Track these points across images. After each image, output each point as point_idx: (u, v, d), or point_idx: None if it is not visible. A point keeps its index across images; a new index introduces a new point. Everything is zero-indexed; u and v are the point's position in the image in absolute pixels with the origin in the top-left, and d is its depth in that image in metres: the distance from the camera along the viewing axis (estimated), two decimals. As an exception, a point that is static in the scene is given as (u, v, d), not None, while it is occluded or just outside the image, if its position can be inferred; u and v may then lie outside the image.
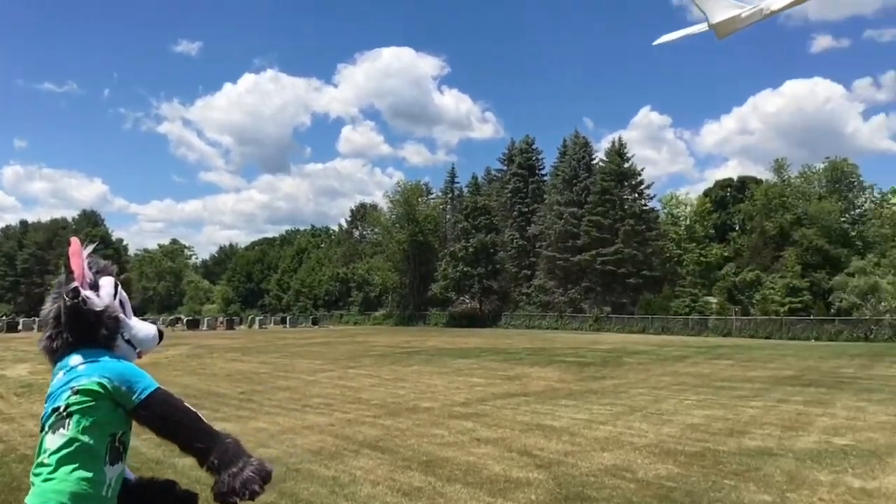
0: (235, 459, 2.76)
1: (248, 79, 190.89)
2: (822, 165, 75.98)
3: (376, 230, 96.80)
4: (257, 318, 79.45)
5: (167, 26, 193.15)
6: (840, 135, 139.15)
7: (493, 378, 21.71)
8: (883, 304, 46.53)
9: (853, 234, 66.46)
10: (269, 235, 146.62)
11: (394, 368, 25.23)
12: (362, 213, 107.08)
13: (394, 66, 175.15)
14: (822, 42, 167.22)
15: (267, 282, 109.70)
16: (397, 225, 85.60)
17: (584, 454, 10.38)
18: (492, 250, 76.29)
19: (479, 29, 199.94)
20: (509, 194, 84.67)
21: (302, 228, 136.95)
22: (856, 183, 74.56)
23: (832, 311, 52.27)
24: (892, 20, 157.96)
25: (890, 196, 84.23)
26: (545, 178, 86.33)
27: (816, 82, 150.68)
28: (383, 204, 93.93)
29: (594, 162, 76.78)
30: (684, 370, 23.96)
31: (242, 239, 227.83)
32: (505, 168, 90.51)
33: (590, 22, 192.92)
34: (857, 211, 73.90)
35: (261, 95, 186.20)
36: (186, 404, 2.86)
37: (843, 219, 67.57)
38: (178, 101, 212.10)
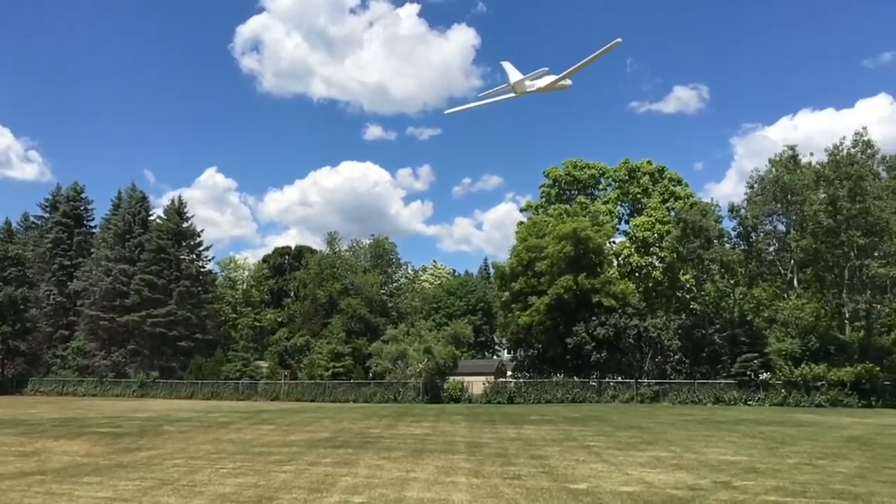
0: None
1: None
2: (368, 241, 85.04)
3: None
4: None
5: None
6: (385, 215, 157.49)
7: (6, 455, 18.81)
8: (409, 368, 52.50)
9: (390, 305, 74.42)
10: None
11: None
12: None
13: None
14: (375, 131, 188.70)
15: None
16: None
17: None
18: (22, 306, 67.09)
19: (26, 55, 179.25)
20: (49, 245, 75.85)
21: None
22: (394, 259, 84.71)
23: (370, 374, 57.32)
24: (430, 122, 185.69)
25: (421, 273, 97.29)
26: (94, 230, 79.62)
27: (368, 166, 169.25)
28: None
29: (151, 218, 73.47)
30: (226, 437, 23.69)
31: None
32: (47, 216, 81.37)
33: (149, 63, 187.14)
34: (395, 284, 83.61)
35: None
36: None
37: (382, 291, 75.35)
38: None
